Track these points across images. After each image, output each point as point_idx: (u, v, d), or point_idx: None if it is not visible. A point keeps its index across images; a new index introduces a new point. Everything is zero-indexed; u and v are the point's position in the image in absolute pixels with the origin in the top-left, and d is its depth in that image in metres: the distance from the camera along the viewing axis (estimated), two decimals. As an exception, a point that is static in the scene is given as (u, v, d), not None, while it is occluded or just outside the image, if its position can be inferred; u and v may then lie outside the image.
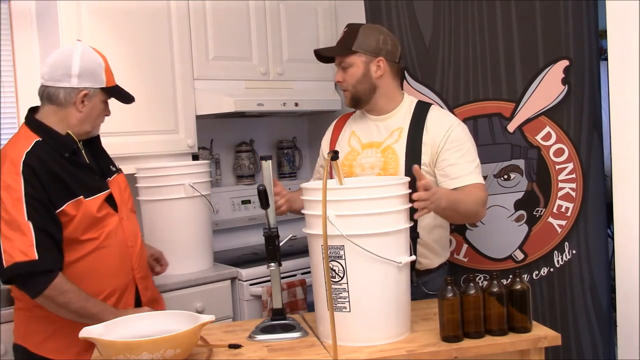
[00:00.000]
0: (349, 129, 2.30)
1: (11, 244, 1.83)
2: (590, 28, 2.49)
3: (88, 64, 2.01)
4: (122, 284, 2.06)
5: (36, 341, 1.99)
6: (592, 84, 2.51)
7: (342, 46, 2.19)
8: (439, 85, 2.59)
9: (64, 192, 1.92)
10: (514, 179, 2.54)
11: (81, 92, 1.99)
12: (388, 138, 2.20)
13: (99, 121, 2.09)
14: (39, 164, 1.89)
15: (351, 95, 2.21)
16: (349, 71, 2.18)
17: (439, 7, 2.57)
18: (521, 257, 2.55)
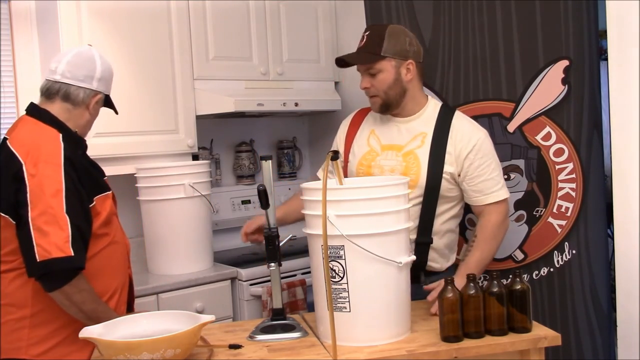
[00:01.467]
0: (367, 127, 2.25)
1: (47, 239, 1.78)
2: (590, 28, 2.49)
3: (107, 70, 2.08)
4: (122, 281, 2.07)
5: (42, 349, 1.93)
6: (592, 84, 2.51)
7: (369, 52, 2.11)
8: (439, 85, 2.59)
9: (95, 187, 1.96)
10: (514, 179, 2.54)
11: (97, 96, 2.04)
12: (411, 142, 2.16)
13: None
14: (75, 158, 1.92)
15: (382, 101, 2.15)
16: (379, 77, 2.12)
17: (439, 7, 2.57)
18: (521, 257, 2.55)
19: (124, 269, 2.09)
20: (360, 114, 2.32)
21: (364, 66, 2.13)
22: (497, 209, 2.14)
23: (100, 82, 2.05)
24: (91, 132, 2.63)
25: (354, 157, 2.23)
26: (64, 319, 1.93)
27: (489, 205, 2.13)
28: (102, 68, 2.06)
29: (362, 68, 2.14)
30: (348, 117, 2.36)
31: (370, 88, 2.14)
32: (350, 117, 2.35)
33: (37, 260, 1.79)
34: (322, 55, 3.39)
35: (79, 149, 2.02)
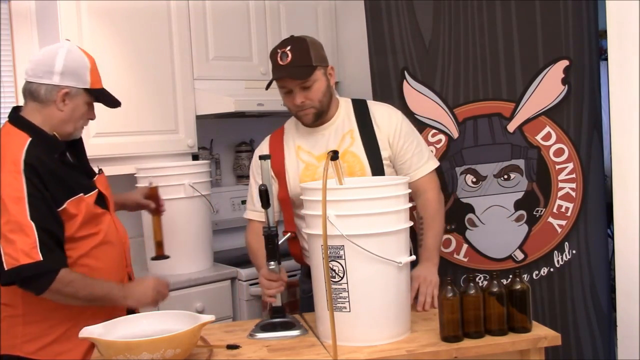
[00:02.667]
0: (291, 146, 2.20)
1: (13, 246, 1.78)
2: (590, 28, 2.49)
3: (72, 63, 1.97)
4: (119, 280, 2.05)
5: (36, 347, 1.94)
6: (592, 84, 2.51)
7: (302, 65, 2.05)
8: (439, 85, 2.59)
9: (65, 190, 1.90)
10: (514, 179, 2.54)
11: (62, 91, 1.94)
12: (341, 143, 2.16)
13: (82, 123, 2.02)
14: (38, 163, 1.86)
15: (316, 111, 2.11)
16: (314, 87, 2.08)
17: (439, 7, 2.57)
18: (521, 257, 2.55)
19: (119, 269, 2.07)
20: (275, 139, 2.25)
21: (297, 81, 2.06)
22: (430, 184, 2.19)
23: (64, 75, 1.94)
24: (91, 132, 2.66)
25: (292, 178, 2.16)
26: (56, 317, 1.94)
27: (422, 179, 2.17)
28: (65, 62, 1.95)
29: (295, 83, 2.06)
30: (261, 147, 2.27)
31: (306, 101, 2.08)
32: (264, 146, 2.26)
33: (6, 269, 1.79)
34: (322, 55, 3.39)
35: (53, 152, 1.93)
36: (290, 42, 2.08)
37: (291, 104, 2.11)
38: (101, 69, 2.68)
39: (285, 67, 2.04)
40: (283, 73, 2.05)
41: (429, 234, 2.14)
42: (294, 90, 2.08)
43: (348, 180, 1.98)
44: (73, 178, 1.96)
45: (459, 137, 2.56)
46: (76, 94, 1.97)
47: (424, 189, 2.18)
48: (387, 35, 2.61)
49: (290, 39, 2.10)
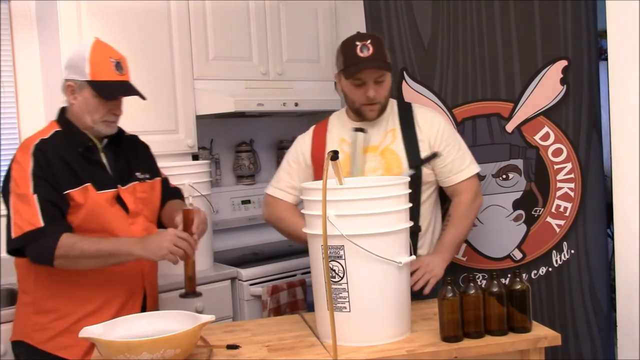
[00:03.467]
0: (335, 137, 2.26)
1: (20, 216, 1.89)
2: (589, 28, 2.50)
3: (72, 56, 2.03)
4: (129, 288, 2.06)
5: (44, 337, 1.99)
6: (591, 84, 2.52)
7: (382, 60, 2.12)
8: (438, 85, 2.59)
9: (72, 178, 1.97)
10: (513, 179, 2.55)
11: (67, 84, 2.02)
12: (383, 140, 2.21)
13: (100, 116, 2.02)
14: (50, 149, 1.97)
15: (381, 107, 2.18)
16: (385, 84, 2.15)
17: (437, 7, 2.58)
18: (520, 256, 2.56)
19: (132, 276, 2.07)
20: (320, 128, 2.32)
21: (376, 74, 2.11)
22: (467, 187, 2.22)
23: (69, 69, 2.02)
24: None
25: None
26: (64, 310, 1.98)
27: (461, 183, 2.21)
28: (70, 55, 2.03)
29: (373, 77, 2.11)
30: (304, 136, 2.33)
31: (376, 96, 2.13)
32: (310, 133, 2.32)
33: (12, 237, 1.89)
34: (322, 55, 3.39)
35: (77, 146, 2.01)
36: (369, 37, 2.13)
37: (362, 96, 2.14)
38: (101, 69, 2.71)
39: (368, 59, 2.08)
40: (368, 64, 2.08)
41: (449, 231, 2.20)
42: (367, 83, 2.11)
43: (348, 180, 1.98)
44: (87, 171, 2.01)
45: (458, 137, 2.57)
46: (80, 86, 2.01)
47: (461, 192, 2.21)
48: (386, 36, 2.61)
49: (368, 34, 2.18)
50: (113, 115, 2.06)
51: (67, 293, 1.99)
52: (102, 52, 2.02)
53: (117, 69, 2.02)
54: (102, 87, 1.99)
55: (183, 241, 1.91)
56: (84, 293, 2.00)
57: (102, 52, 2.02)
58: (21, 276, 2.06)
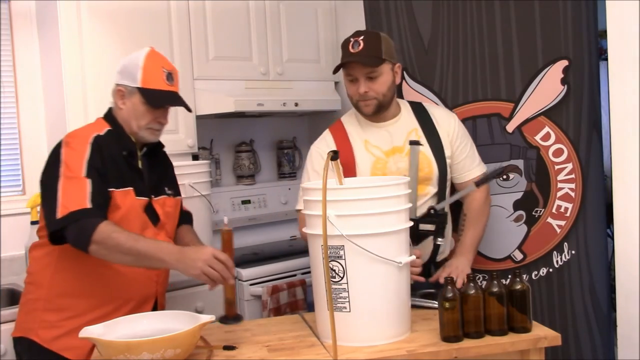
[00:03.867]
0: (358, 139, 2.24)
1: (68, 197, 1.87)
2: (589, 28, 2.50)
3: (127, 63, 2.07)
4: (142, 293, 2.07)
5: (51, 335, 1.98)
6: (592, 84, 2.52)
7: (371, 56, 2.11)
8: (438, 85, 2.59)
9: (118, 179, 1.98)
10: (513, 179, 2.55)
11: (117, 88, 2.07)
12: (407, 139, 2.22)
13: (145, 123, 2.05)
14: (104, 146, 1.99)
15: (378, 103, 2.16)
16: (380, 80, 2.13)
17: (437, 7, 2.58)
18: (520, 257, 2.55)
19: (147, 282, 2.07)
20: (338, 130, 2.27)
21: (365, 70, 2.11)
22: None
23: (121, 74, 2.07)
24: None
25: (363, 171, 2.19)
26: (74, 309, 1.98)
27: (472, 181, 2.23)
28: (124, 62, 2.08)
29: (363, 72, 2.12)
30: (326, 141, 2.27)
31: (369, 92, 2.14)
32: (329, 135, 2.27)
33: (57, 218, 1.85)
34: (322, 55, 3.39)
35: (122, 149, 2.04)
36: (363, 33, 2.14)
37: (355, 92, 2.16)
38: (101, 69, 2.71)
39: (355, 54, 2.10)
40: (353, 58, 2.11)
41: (469, 233, 2.25)
42: (359, 79, 2.13)
43: (348, 180, 1.98)
44: (129, 176, 2.03)
45: (458, 137, 2.56)
46: (130, 92, 2.05)
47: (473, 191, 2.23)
48: (387, 36, 2.61)
49: (365, 31, 2.17)
50: (158, 124, 2.09)
51: (83, 293, 1.99)
52: (155, 61, 2.06)
53: (168, 80, 2.06)
54: (151, 95, 2.03)
55: (219, 263, 1.79)
56: (99, 295, 2.00)
57: (155, 62, 2.06)
58: (36, 269, 2.05)
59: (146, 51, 2.07)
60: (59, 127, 2.75)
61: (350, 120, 2.29)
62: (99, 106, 2.68)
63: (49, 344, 1.97)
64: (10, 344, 2.12)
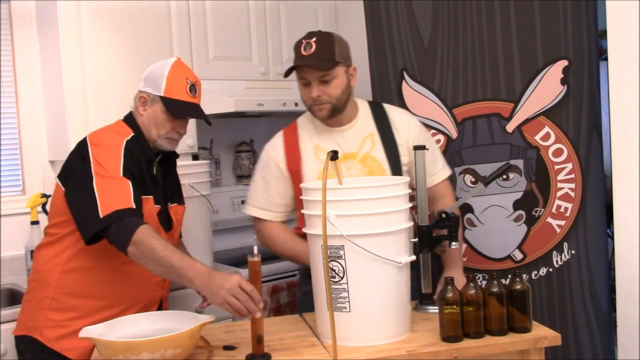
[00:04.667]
0: (309, 144, 2.16)
1: (110, 196, 1.84)
2: (589, 28, 2.50)
3: (153, 70, 2.08)
4: (149, 297, 2.07)
5: (55, 335, 1.97)
6: (592, 84, 2.52)
7: (324, 58, 2.04)
8: (438, 85, 2.59)
9: (142, 185, 1.97)
10: (513, 179, 2.55)
11: (140, 94, 2.07)
12: (362, 146, 2.15)
13: (165, 133, 2.05)
14: (135, 151, 1.98)
15: (332, 107, 2.08)
16: (333, 83, 2.05)
17: (437, 7, 2.58)
18: (520, 257, 2.55)
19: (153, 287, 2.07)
20: (289, 134, 2.21)
21: (318, 73, 2.03)
22: (446, 190, 2.24)
23: (146, 81, 2.07)
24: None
25: (311, 178, 2.11)
26: (79, 310, 1.97)
27: (438, 186, 2.20)
28: (150, 69, 2.08)
29: (315, 75, 2.04)
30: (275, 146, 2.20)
31: (322, 96, 2.06)
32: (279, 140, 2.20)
33: (101, 217, 1.82)
34: (321, 55, 3.39)
35: (144, 156, 2.02)
36: (316, 35, 2.07)
37: (307, 96, 2.09)
38: (101, 69, 2.71)
39: (307, 57, 2.03)
40: (305, 61, 2.04)
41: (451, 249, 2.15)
42: (312, 82, 2.06)
43: (348, 180, 1.98)
44: (149, 183, 2.02)
45: (457, 137, 2.57)
46: (153, 100, 2.05)
47: (441, 195, 2.19)
48: (386, 36, 2.61)
49: (318, 32, 2.10)
50: (177, 134, 2.09)
51: (91, 294, 1.98)
52: (180, 71, 2.07)
53: (191, 91, 2.07)
54: (173, 104, 2.03)
55: (243, 294, 1.68)
56: (107, 297, 1.99)
57: (180, 72, 2.07)
58: (43, 268, 2.01)
59: (172, 61, 2.08)
60: (59, 127, 2.75)
61: (305, 123, 2.21)
62: (99, 106, 2.70)
63: (52, 344, 1.96)
64: (10, 344, 2.12)
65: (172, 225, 2.12)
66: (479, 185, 2.13)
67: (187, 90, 2.05)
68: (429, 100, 2.58)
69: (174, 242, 2.14)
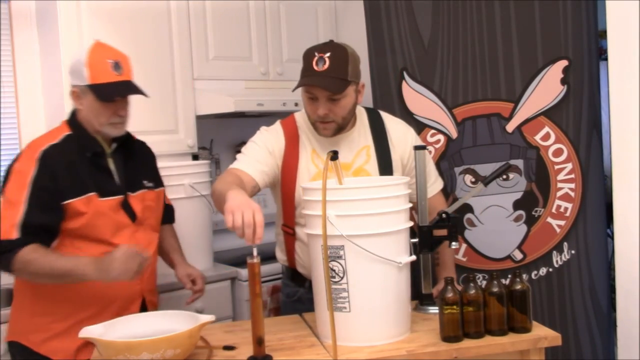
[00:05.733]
0: (308, 146, 2.09)
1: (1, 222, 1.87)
2: (589, 28, 2.50)
3: (73, 62, 2.03)
4: (125, 293, 2.05)
5: (39, 339, 1.99)
6: (592, 84, 2.52)
7: (338, 77, 1.93)
8: (438, 85, 2.59)
9: (77, 187, 1.95)
10: (513, 179, 2.55)
11: (71, 90, 2.03)
12: (356, 158, 2.09)
13: (105, 119, 2.01)
14: (58, 156, 1.95)
15: (337, 126, 2.01)
16: (341, 103, 1.96)
17: (438, 7, 2.58)
18: (520, 257, 2.55)
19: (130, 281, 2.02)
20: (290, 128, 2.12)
21: (328, 93, 1.93)
22: (439, 202, 2.21)
23: (72, 75, 2.02)
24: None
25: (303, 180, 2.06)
26: (59, 313, 1.98)
27: (431, 199, 2.13)
28: (72, 61, 2.04)
29: (325, 94, 1.94)
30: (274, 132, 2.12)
31: (329, 114, 1.97)
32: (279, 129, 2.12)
33: None
34: (321, 55, 3.39)
35: (86, 151, 2.00)
36: (331, 49, 1.94)
37: (313, 112, 1.99)
38: (101, 69, 2.70)
39: (320, 75, 1.91)
40: (316, 81, 1.92)
41: (444, 251, 2.15)
42: (320, 99, 1.95)
43: (348, 180, 1.98)
44: (93, 178, 1.99)
45: (457, 137, 2.57)
46: (83, 91, 2.01)
47: (434, 208, 2.13)
48: (387, 36, 2.61)
49: (332, 45, 1.98)
50: (118, 117, 2.04)
51: (63, 296, 1.98)
52: (99, 54, 2.00)
53: (115, 69, 2.00)
54: (101, 89, 1.98)
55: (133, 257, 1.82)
56: (80, 297, 1.98)
57: (99, 55, 2.00)
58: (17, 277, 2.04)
59: (89, 46, 2.02)
60: (59, 127, 2.75)
61: (303, 124, 2.12)
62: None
63: (37, 348, 1.98)
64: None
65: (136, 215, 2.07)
66: (479, 185, 2.12)
67: (111, 69, 1.99)
68: (429, 100, 2.58)
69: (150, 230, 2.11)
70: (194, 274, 2.25)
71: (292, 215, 2.12)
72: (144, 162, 2.21)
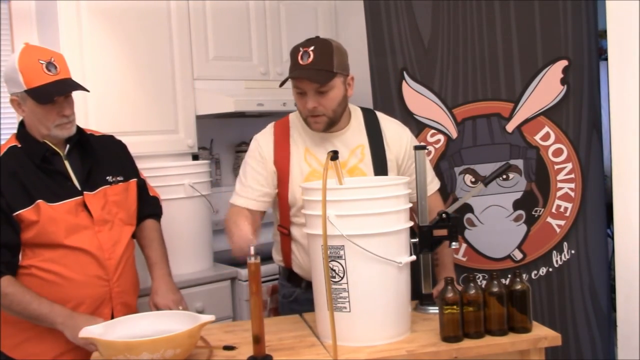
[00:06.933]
0: (300, 145, 2.09)
1: None
2: (589, 28, 2.50)
3: (6, 69, 1.98)
4: (94, 294, 2.02)
5: (12, 344, 1.98)
6: (591, 84, 2.52)
7: (322, 69, 1.95)
8: (438, 85, 2.59)
9: (24, 197, 1.93)
10: (513, 179, 2.55)
11: (11, 98, 1.99)
12: (351, 157, 2.09)
13: (51, 122, 1.98)
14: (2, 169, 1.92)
15: (328, 120, 2.01)
16: (330, 95, 1.97)
17: (438, 7, 2.58)
18: (520, 256, 2.55)
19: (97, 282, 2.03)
20: (281, 129, 2.13)
21: (314, 85, 1.95)
22: (436, 202, 2.20)
23: (8, 84, 1.98)
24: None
25: (295, 180, 2.06)
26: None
27: (430, 198, 2.12)
28: (4, 68, 1.99)
29: (312, 86, 1.96)
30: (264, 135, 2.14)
31: (318, 107, 1.98)
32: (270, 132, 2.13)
33: None
34: (321, 55, 3.39)
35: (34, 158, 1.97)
36: (314, 43, 1.98)
37: (303, 107, 2.01)
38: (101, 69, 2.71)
39: (305, 68, 1.95)
40: (301, 73, 1.96)
41: (444, 252, 2.14)
42: (308, 93, 1.98)
43: (348, 180, 1.98)
44: (45, 185, 1.96)
45: (457, 137, 2.57)
46: (23, 98, 1.97)
47: (431, 208, 2.11)
48: (387, 36, 2.61)
49: (316, 39, 2.01)
50: (64, 117, 2.00)
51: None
52: (30, 56, 1.96)
53: (49, 69, 1.95)
54: (38, 92, 1.93)
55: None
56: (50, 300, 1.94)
57: (30, 57, 1.95)
58: None
59: (19, 50, 1.97)
60: (59, 127, 2.75)
61: (297, 122, 2.13)
62: (99, 106, 2.70)
63: (11, 352, 1.98)
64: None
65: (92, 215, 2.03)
66: (479, 185, 2.12)
67: (44, 71, 1.94)
68: (429, 100, 2.58)
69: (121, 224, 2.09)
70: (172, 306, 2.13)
71: (287, 216, 2.11)
72: (108, 157, 2.15)
